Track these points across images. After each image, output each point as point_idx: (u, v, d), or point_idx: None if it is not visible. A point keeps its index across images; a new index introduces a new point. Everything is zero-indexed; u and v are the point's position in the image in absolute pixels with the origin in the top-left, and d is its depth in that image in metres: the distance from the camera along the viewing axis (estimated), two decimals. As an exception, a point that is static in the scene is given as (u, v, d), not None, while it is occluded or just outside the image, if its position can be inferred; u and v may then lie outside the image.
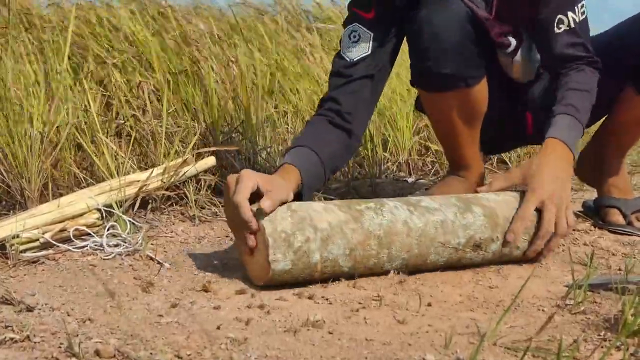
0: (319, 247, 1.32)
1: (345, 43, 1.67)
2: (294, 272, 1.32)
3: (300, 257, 1.31)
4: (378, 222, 1.38)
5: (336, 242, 1.34)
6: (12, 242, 1.44)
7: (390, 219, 1.39)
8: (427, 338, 1.14)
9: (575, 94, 1.65)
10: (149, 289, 1.31)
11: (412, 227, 1.41)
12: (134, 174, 1.81)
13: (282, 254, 1.29)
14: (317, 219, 1.34)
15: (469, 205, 1.49)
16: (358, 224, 1.36)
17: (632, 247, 1.75)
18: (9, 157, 1.70)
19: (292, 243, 1.30)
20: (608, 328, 1.18)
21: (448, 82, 1.66)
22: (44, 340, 1.04)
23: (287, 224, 1.31)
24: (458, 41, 1.62)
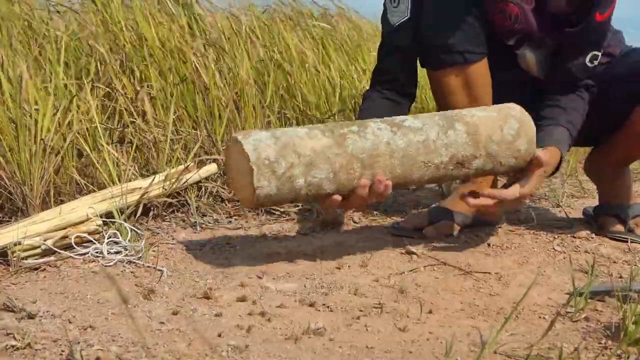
0: (303, 172, 1.36)
1: (388, 8, 1.74)
2: (279, 197, 1.36)
3: (285, 182, 1.35)
4: (361, 145, 1.41)
5: (320, 167, 1.37)
6: (14, 249, 1.44)
7: (373, 141, 1.42)
8: (428, 346, 1.15)
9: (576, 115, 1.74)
10: (150, 296, 1.31)
11: (394, 149, 1.43)
12: (136, 181, 1.82)
13: (266, 181, 1.33)
14: (301, 145, 1.37)
15: (451, 123, 1.51)
16: (341, 149, 1.39)
17: (633, 254, 1.75)
18: (12, 163, 1.70)
19: (276, 170, 1.34)
20: (609, 336, 1.18)
21: (446, 55, 1.68)
22: (45, 347, 1.04)
23: (270, 151, 1.34)
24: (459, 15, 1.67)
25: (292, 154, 1.35)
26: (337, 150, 1.38)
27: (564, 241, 1.82)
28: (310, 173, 1.36)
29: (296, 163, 1.35)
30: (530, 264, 1.63)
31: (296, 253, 1.62)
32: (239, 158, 1.36)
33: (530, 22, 1.72)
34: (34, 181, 1.70)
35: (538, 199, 2.38)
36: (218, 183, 2.01)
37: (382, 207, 2.14)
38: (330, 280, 1.44)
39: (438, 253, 1.64)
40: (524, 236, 1.84)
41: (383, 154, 1.42)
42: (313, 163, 1.36)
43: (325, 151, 1.37)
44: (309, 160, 1.36)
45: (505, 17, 1.71)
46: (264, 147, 1.34)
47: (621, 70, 1.83)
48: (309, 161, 1.36)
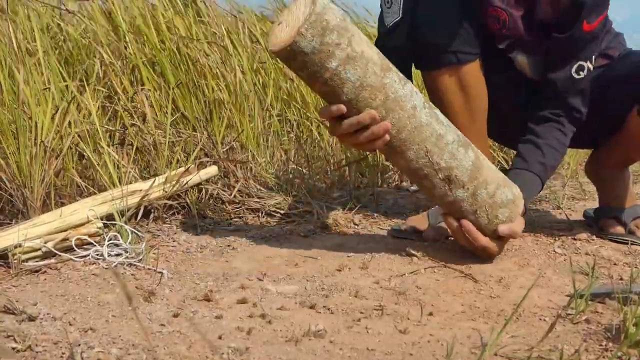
0: (341, 60, 1.36)
1: (383, 9, 1.74)
2: (307, 59, 1.35)
3: (322, 51, 1.34)
4: (395, 87, 1.42)
5: (355, 69, 1.37)
6: (15, 251, 1.44)
7: (405, 94, 1.44)
8: (429, 348, 1.15)
9: (552, 153, 1.73)
10: (151, 299, 1.31)
11: (416, 115, 1.45)
12: (136, 183, 1.82)
13: (311, 35, 1.33)
14: (357, 41, 1.38)
15: (467, 146, 1.52)
16: (381, 74, 1.40)
17: (634, 256, 1.75)
18: (12, 166, 1.70)
19: (325, 35, 1.34)
20: (610, 338, 1.18)
21: (439, 55, 1.68)
22: (45, 350, 1.04)
23: (334, 19, 1.35)
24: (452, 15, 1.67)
25: (345, 38, 1.36)
26: (377, 71, 1.40)
27: (564, 243, 1.82)
28: (345, 66, 1.36)
29: (343, 47, 1.35)
30: (531, 266, 1.63)
31: (297, 255, 1.62)
32: (303, 6, 1.35)
33: (519, 28, 1.73)
34: (34, 183, 1.70)
35: (539, 201, 2.38)
36: (218, 185, 2.01)
37: (382, 209, 2.14)
38: (330, 283, 1.44)
39: (438, 255, 1.64)
40: (525, 238, 1.84)
41: (405, 110, 1.43)
42: (354, 60, 1.36)
43: (369, 61, 1.39)
44: (354, 55, 1.36)
45: (495, 22, 1.72)
46: (331, 14, 1.35)
47: (620, 72, 1.83)
48: (353, 56, 1.36)
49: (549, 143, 1.73)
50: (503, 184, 1.57)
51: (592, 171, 2.04)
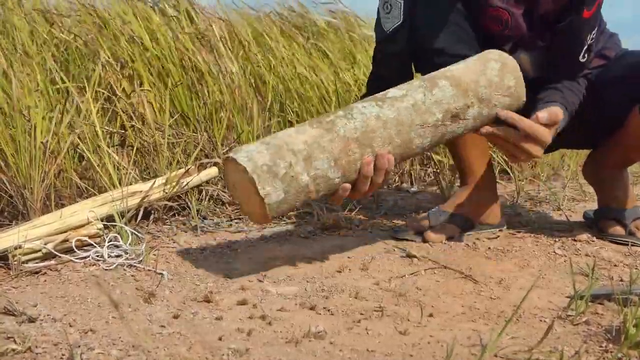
0: (304, 167, 1.34)
1: (381, 14, 1.73)
2: (290, 199, 1.34)
3: (290, 182, 1.33)
4: (351, 126, 1.40)
5: (319, 157, 1.36)
6: (15, 252, 1.44)
7: (362, 119, 1.41)
8: (429, 349, 1.15)
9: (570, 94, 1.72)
10: (151, 300, 1.31)
11: (385, 120, 1.43)
12: (136, 185, 1.82)
13: (270, 186, 1.31)
14: (293, 142, 1.36)
15: (434, 82, 1.51)
16: (334, 134, 1.38)
17: (634, 257, 1.74)
18: (12, 167, 1.71)
19: (277, 172, 1.32)
20: (610, 339, 1.18)
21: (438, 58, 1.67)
22: (45, 351, 1.04)
23: (265, 156, 1.33)
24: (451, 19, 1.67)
25: (287, 153, 1.34)
26: (330, 137, 1.38)
27: (564, 244, 1.81)
28: (311, 166, 1.35)
29: (294, 161, 1.34)
30: (531, 267, 1.63)
31: (297, 256, 1.62)
32: (238, 175, 1.34)
33: (521, 26, 1.72)
34: (34, 185, 1.70)
35: (539, 202, 2.38)
36: (219, 186, 2.01)
37: (382, 210, 2.14)
38: (331, 284, 1.44)
39: (439, 256, 1.64)
40: (525, 239, 1.84)
41: (377, 127, 1.41)
42: (311, 155, 1.35)
43: (318, 141, 1.37)
44: (306, 153, 1.35)
45: (497, 23, 1.72)
46: (257, 155, 1.33)
47: (617, 72, 1.83)
48: (307, 155, 1.35)
49: (566, 86, 1.73)
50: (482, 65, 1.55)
51: (591, 172, 2.03)
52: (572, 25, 1.69)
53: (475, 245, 1.76)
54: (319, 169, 1.36)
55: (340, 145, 1.38)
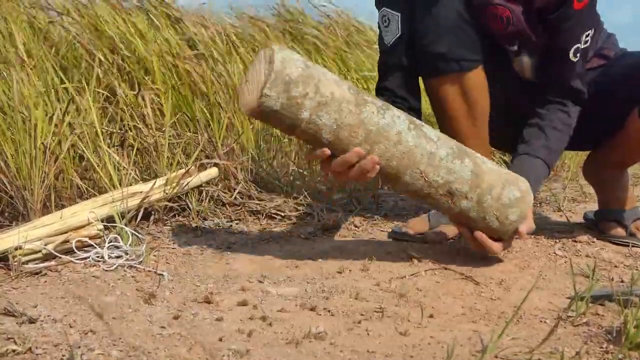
0: (312, 108, 1.34)
1: (381, 28, 1.74)
2: (278, 116, 1.34)
3: (291, 106, 1.33)
4: (375, 120, 1.40)
5: (329, 112, 1.36)
6: (15, 253, 1.44)
7: (387, 123, 1.41)
8: (429, 350, 1.14)
9: (557, 135, 1.73)
10: (151, 301, 1.31)
11: (402, 140, 1.42)
12: (137, 185, 1.82)
13: (275, 93, 1.31)
14: (324, 84, 1.36)
15: (463, 155, 1.50)
16: (357, 110, 1.38)
17: (635, 258, 1.74)
18: (12, 168, 1.71)
19: (290, 90, 1.32)
20: (610, 340, 1.18)
21: (442, 63, 1.67)
22: (46, 352, 1.04)
23: (295, 72, 1.33)
24: (453, 23, 1.65)
25: (312, 86, 1.34)
26: (352, 108, 1.38)
27: (565, 245, 1.81)
28: (318, 112, 1.35)
29: (311, 96, 1.33)
30: (532, 268, 1.63)
31: (297, 257, 1.62)
32: (263, 64, 1.34)
33: (522, 24, 1.71)
34: (34, 186, 1.70)
35: (539, 203, 2.38)
36: (219, 187, 2.01)
37: (382, 211, 2.14)
38: (331, 285, 1.44)
39: (439, 257, 1.64)
40: (525, 241, 1.84)
41: (390, 138, 1.41)
42: (326, 105, 1.35)
43: (341, 102, 1.37)
44: (324, 101, 1.35)
45: (498, 21, 1.71)
46: (292, 65, 1.33)
47: (618, 73, 1.83)
48: (324, 102, 1.35)
49: (554, 125, 1.73)
50: (508, 183, 1.55)
51: (591, 172, 2.03)
52: (563, 17, 1.67)
53: (476, 246, 1.76)
54: (321, 119, 1.35)
55: (353, 122, 1.38)
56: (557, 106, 1.74)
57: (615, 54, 1.90)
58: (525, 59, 1.78)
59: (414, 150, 1.43)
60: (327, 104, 1.35)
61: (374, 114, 1.40)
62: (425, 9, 1.65)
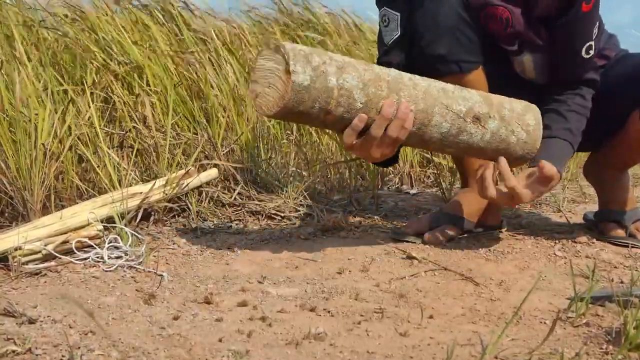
0: (335, 72, 1.37)
1: (381, 28, 1.75)
2: (313, 93, 1.35)
3: (319, 75, 1.35)
4: (385, 71, 1.45)
5: (350, 73, 1.39)
6: (15, 253, 1.44)
7: (396, 74, 1.47)
8: (429, 351, 1.14)
9: (576, 117, 1.74)
10: (151, 301, 1.31)
11: (417, 83, 1.48)
12: (137, 186, 1.82)
13: (301, 67, 1.33)
14: (331, 55, 1.40)
15: (463, 87, 1.57)
16: (368, 67, 1.43)
17: (634, 259, 1.74)
18: (12, 168, 1.70)
19: (311, 60, 1.35)
20: (610, 341, 1.18)
21: (441, 64, 1.68)
22: (45, 352, 1.04)
23: (306, 48, 1.37)
24: (452, 25, 1.66)
25: (325, 56, 1.38)
26: (365, 67, 1.42)
27: (564, 246, 1.81)
28: (342, 76, 1.37)
29: (328, 62, 1.37)
30: (531, 269, 1.63)
31: (297, 258, 1.62)
32: (270, 58, 1.36)
33: (522, 25, 1.71)
34: (34, 186, 1.70)
35: (539, 204, 2.38)
36: (219, 188, 2.01)
37: (382, 212, 2.14)
38: (331, 285, 1.44)
39: (439, 258, 1.64)
40: (525, 241, 1.84)
41: (407, 84, 1.46)
42: (344, 68, 1.38)
43: (354, 63, 1.41)
44: (341, 64, 1.38)
45: (497, 22, 1.71)
46: (300, 46, 1.37)
47: (620, 73, 1.83)
48: (341, 65, 1.38)
49: (572, 109, 1.74)
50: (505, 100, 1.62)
51: (592, 173, 2.03)
52: (572, 20, 1.68)
53: (476, 247, 1.76)
54: (347, 82, 1.38)
55: (372, 77, 1.42)
56: (572, 92, 1.77)
57: (615, 55, 1.90)
58: (526, 59, 1.78)
59: (429, 89, 1.49)
60: (345, 67, 1.39)
61: (382, 69, 1.46)
62: (424, 10, 1.65)
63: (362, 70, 1.41)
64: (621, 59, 1.89)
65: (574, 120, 1.74)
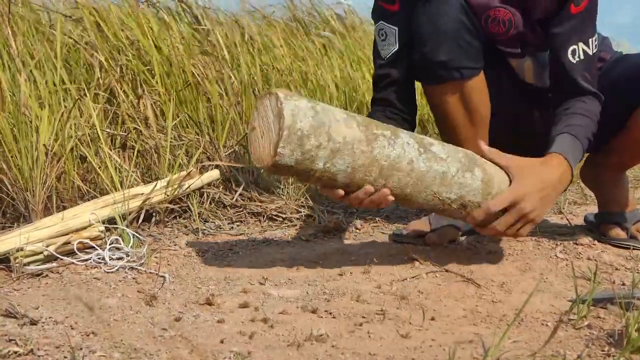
0: (326, 157, 1.34)
1: (377, 41, 1.74)
2: (292, 170, 1.33)
3: (305, 159, 1.32)
4: (387, 153, 1.40)
5: (343, 158, 1.35)
6: (16, 255, 1.44)
7: (399, 154, 1.41)
8: (431, 353, 1.14)
9: (581, 119, 1.67)
10: (152, 303, 1.31)
11: (414, 168, 1.43)
12: (138, 187, 1.82)
13: (290, 150, 1.30)
14: (335, 129, 1.35)
15: (472, 165, 1.50)
16: (369, 148, 1.38)
17: (636, 261, 1.74)
18: (14, 169, 1.71)
19: (304, 144, 1.31)
20: (612, 343, 1.18)
21: (443, 71, 1.67)
22: (47, 353, 1.04)
23: (307, 123, 1.31)
24: (453, 31, 1.64)
25: (324, 135, 1.33)
26: (365, 148, 1.37)
27: (566, 248, 1.81)
28: (332, 160, 1.35)
29: (324, 145, 1.33)
30: (533, 271, 1.63)
31: (298, 259, 1.62)
32: (271, 115, 1.33)
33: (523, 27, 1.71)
34: (36, 187, 1.70)
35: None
36: (220, 189, 2.01)
37: (384, 214, 2.14)
38: (332, 287, 1.44)
39: (440, 260, 1.64)
40: (526, 243, 1.84)
41: (403, 169, 1.42)
42: (339, 151, 1.35)
43: (354, 144, 1.36)
44: (337, 147, 1.34)
45: (500, 24, 1.70)
46: (302, 116, 1.31)
47: (619, 74, 1.82)
48: (337, 148, 1.34)
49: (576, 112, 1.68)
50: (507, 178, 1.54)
51: (590, 176, 2.02)
52: (559, 20, 1.66)
53: (477, 249, 1.76)
54: (335, 166, 1.35)
55: (366, 162, 1.38)
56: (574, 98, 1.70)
57: (611, 57, 1.89)
58: (527, 63, 1.78)
59: (426, 174, 1.44)
60: (340, 150, 1.35)
61: (385, 147, 1.40)
62: (425, 16, 1.65)
63: (358, 154, 1.36)
64: (619, 60, 1.88)
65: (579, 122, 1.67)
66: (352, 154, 1.36)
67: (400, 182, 1.42)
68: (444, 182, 1.45)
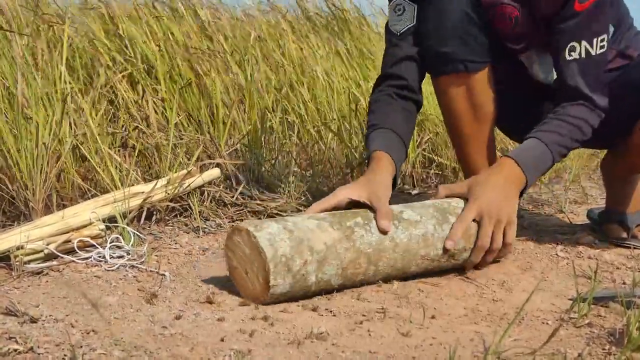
0: (316, 269, 1.33)
1: (392, 17, 1.73)
2: (290, 294, 1.33)
3: (298, 280, 1.32)
4: (367, 240, 1.40)
5: (331, 263, 1.35)
6: (16, 253, 1.44)
7: (379, 237, 1.42)
8: (431, 351, 1.14)
9: (563, 126, 1.65)
10: (153, 301, 1.31)
11: (397, 243, 1.44)
12: (138, 186, 1.82)
13: (282, 279, 1.30)
14: (314, 239, 1.34)
15: (445, 216, 1.51)
16: (350, 243, 1.38)
17: (637, 260, 1.74)
18: (14, 168, 1.70)
19: (291, 267, 1.30)
20: (613, 342, 1.18)
21: (448, 62, 1.67)
22: (47, 351, 1.04)
23: (286, 247, 1.30)
24: (460, 23, 1.65)
25: (306, 251, 1.32)
26: (347, 245, 1.37)
27: (567, 247, 1.81)
28: (322, 270, 1.34)
29: (310, 260, 1.32)
30: (534, 270, 1.63)
31: (299, 258, 1.62)
32: (248, 250, 1.32)
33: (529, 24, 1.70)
34: (36, 185, 1.70)
35: (541, 204, 2.38)
36: (221, 187, 2.00)
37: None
38: (333, 285, 1.44)
39: (441, 258, 1.64)
40: (527, 242, 1.84)
41: (387, 248, 1.42)
42: (325, 259, 1.34)
43: (336, 245, 1.36)
44: (322, 256, 1.34)
45: (506, 20, 1.70)
46: (280, 242, 1.30)
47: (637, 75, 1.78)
48: (322, 257, 1.34)
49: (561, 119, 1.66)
50: None
51: (607, 169, 1.99)
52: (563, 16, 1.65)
53: (478, 248, 1.76)
54: (326, 273, 1.35)
55: (352, 257, 1.38)
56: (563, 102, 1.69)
57: (639, 55, 1.85)
58: (533, 59, 1.78)
59: (409, 244, 1.45)
60: (326, 257, 1.35)
61: (364, 236, 1.40)
62: (432, 8, 1.65)
63: (343, 252, 1.36)
64: None
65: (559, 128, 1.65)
66: (338, 256, 1.36)
67: (390, 260, 1.43)
68: (427, 243, 1.47)
